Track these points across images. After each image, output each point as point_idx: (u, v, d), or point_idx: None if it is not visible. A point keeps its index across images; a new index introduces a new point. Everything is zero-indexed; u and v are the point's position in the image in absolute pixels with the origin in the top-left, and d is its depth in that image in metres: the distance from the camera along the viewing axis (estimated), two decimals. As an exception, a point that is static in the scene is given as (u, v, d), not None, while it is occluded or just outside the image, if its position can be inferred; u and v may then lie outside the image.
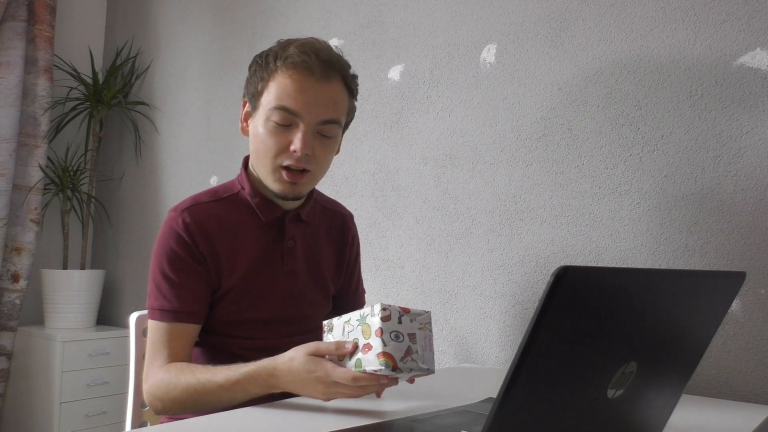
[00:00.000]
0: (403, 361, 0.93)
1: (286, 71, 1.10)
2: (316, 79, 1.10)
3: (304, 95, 1.09)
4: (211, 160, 2.40)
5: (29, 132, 2.58)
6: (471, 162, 1.72)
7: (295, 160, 1.11)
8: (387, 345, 0.93)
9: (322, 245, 1.28)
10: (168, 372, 1.07)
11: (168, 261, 1.12)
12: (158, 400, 1.08)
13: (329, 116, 1.12)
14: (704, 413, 1.13)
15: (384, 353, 0.92)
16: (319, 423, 0.96)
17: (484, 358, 1.65)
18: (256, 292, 1.17)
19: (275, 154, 1.12)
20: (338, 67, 1.14)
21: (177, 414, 1.10)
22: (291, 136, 1.11)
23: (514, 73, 1.66)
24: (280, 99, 1.10)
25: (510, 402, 0.49)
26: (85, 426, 2.41)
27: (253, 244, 1.18)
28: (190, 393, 1.04)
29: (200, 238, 1.13)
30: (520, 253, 1.62)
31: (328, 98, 1.12)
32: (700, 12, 1.39)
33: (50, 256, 2.74)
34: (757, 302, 1.29)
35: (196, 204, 1.17)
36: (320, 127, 1.12)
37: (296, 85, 1.09)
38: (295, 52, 1.10)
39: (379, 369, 0.92)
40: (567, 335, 0.51)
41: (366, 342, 0.95)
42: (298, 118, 1.10)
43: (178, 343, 1.11)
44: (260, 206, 1.19)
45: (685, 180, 1.39)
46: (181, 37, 2.60)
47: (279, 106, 1.10)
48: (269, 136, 1.12)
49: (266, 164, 1.13)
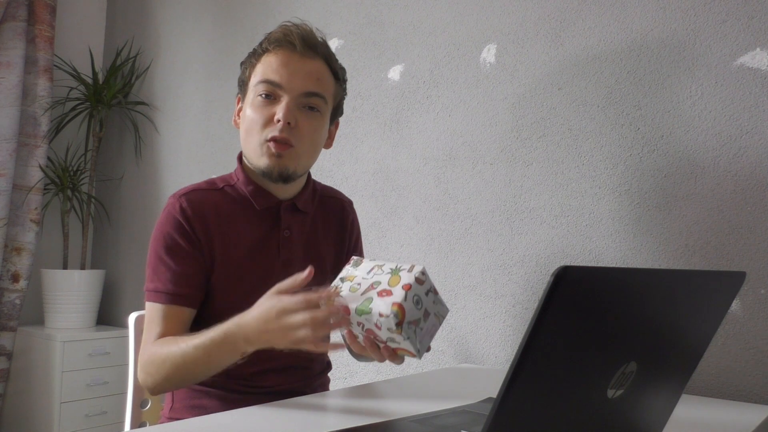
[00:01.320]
0: (408, 325, 0.91)
1: (270, 50, 1.17)
2: (299, 54, 1.16)
3: (287, 68, 1.15)
4: (211, 160, 2.40)
5: (29, 132, 2.58)
6: (471, 162, 1.72)
7: (279, 131, 1.14)
8: (406, 302, 0.91)
9: (320, 234, 1.28)
10: (155, 345, 1.09)
11: (165, 246, 1.14)
12: (148, 375, 1.10)
13: (312, 88, 1.16)
14: (704, 413, 1.13)
15: (400, 305, 0.90)
16: (319, 423, 0.96)
17: (484, 358, 1.65)
18: (251, 281, 1.18)
19: (261, 126, 1.15)
20: (321, 49, 1.19)
21: (168, 388, 1.11)
22: (275, 108, 1.15)
23: (514, 73, 1.66)
24: (264, 74, 1.16)
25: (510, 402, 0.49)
26: (85, 426, 2.41)
27: (248, 233, 1.19)
28: (172, 360, 1.06)
29: (197, 223, 1.15)
30: (520, 253, 1.62)
31: (310, 72, 1.17)
32: (700, 12, 1.39)
33: (50, 256, 2.74)
34: (757, 302, 1.29)
35: (194, 190, 1.19)
36: (304, 99, 1.16)
37: (279, 59, 1.16)
38: (277, 31, 1.17)
39: (387, 315, 0.89)
40: (567, 335, 0.51)
41: (387, 288, 0.93)
42: (281, 89, 1.15)
43: (171, 323, 1.12)
44: (254, 194, 1.20)
45: (685, 180, 1.39)
46: (181, 37, 2.60)
47: (263, 80, 1.16)
48: (254, 111, 1.16)
49: (253, 140, 1.16)
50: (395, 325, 0.90)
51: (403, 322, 0.90)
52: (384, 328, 0.91)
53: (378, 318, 0.91)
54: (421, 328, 0.93)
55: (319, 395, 1.19)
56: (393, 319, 0.89)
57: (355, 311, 0.93)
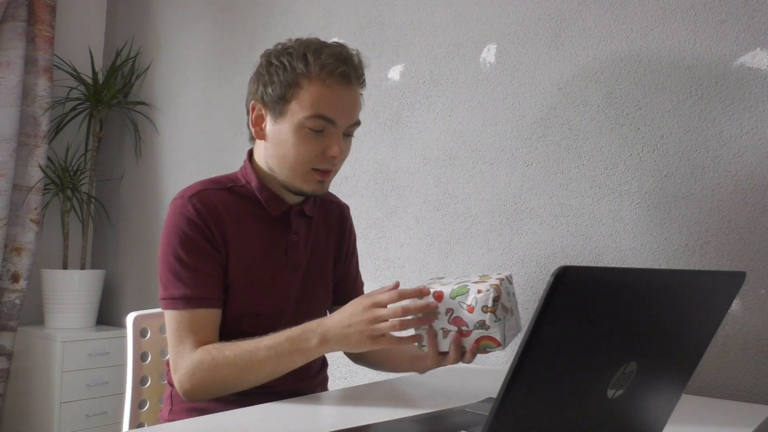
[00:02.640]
0: (502, 308, 0.94)
1: (324, 79, 1.09)
2: (351, 86, 1.13)
3: (341, 103, 1.11)
4: (211, 159, 2.40)
5: (29, 132, 2.58)
6: (471, 162, 1.72)
7: (331, 165, 1.14)
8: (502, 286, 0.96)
9: (322, 237, 1.29)
10: (206, 352, 1.06)
11: (182, 245, 1.10)
12: (199, 385, 1.06)
13: (356, 118, 1.16)
14: (704, 413, 1.13)
15: (497, 286, 0.94)
16: (319, 423, 0.96)
17: (484, 358, 1.65)
18: (259, 285, 1.17)
19: (310, 159, 1.13)
20: (363, 72, 1.16)
21: (215, 395, 1.08)
22: (325, 141, 1.12)
23: (514, 73, 1.66)
24: (316, 107, 1.10)
25: (510, 402, 0.49)
26: (85, 426, 2.41)
27: (257, 236, 1.18)
28: (236, 363, 1.04)
29: (213, 223, 1.12)
30: (520, 253, 1.62)
31: (356, 102, 1.15)
32: (700, 12, 1.39)
33: (50, 256, 2.74)
34: (757, 302, 1.29)
35: (203, 190, 1.15)
36: (348, 129, 1.16)
37: (334, 93, 1.10)
38: (333, 62, 1.09)
39: (487, 290, 0.93)
40: (567, 335, 0.51)
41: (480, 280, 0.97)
42: (333, 124, 1.12)
43: (204, 329, 1.09)
44: (268, 201, 1.19)
45: (685, 180, 1.39)
46: (181, 37, 2.60)
47: (316, 114, 1.10)
48: (303, 143, 1.12)
49: (298, 169, 1.14)
50: (492, 300, 0.92)
51: (500, 299, 0.94)
52: (478, 308, 0.93)
53: (475, 295, 0.93)
54: (508, 319, 0.97)
55: (319, 395, 1.19)
56: (492, 293, 0.93)
57: (450, 294, 0.96)
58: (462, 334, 0.96)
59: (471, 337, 0.95)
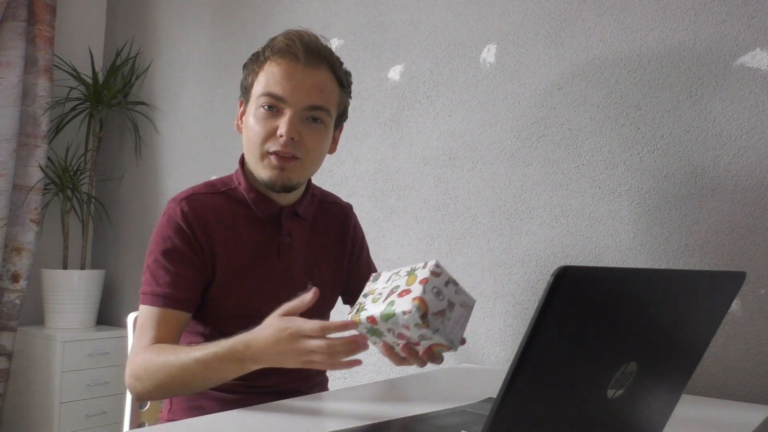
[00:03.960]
0: (434, 317, 0.90)
1: (273, 59, 1.13)
2: (303, 65, 1.12)
3: (290, 80, 1.12)
4: (211, 159, 2.40)
5: (29, 132, 2.58)
6: (471, 162, 1.72)
7: (282, 145, 1.12)
8: (426, 294, 0.90)
9: (320, 240, 1.28)
10: (149, 351, 1.06)
11: (164, 250, 1.12)
12: (137, 380, 1.06)
13: (315, 102, 1.14)
14: (704, 413, 1.13)
15: (421, 299, 0.89)
16: (319, 423, 0.96)
17: (484, 358, 1.65)
18: (251, 287, 1.17)
19: (263, 139, 1.13)
20: (325, 56, 1.16)
21: (157, 397, 1.09)
22: (278, 121, 1.13)
23: (514, 73, 1.66)
24: (267, 86, 1.13)
25: (510, 402, 0.49)
26: (85, 426, 2.41)
27: (249, 239, 1.18)
28: (168, 370, 1.03)
29: (198, 228, 1.14)
30: (520, 253, 1.62)
31: (314, 84, 1.14)
32: (700, 12, 1.39)
33: (50, 256, 2.74)
34: (757, 302, 1.29)
35: (194, 194, 1.18)
36: (308, 112, 1.14)
37: (282, 70, 1.12)
38: (281, 39, 1.14)
39: (410, 310, 0.88)
40: (567, 335, 0.51)
41: (406, 288, 0.92)
42: (285, 103, 1.12)
43: (165, 327, 1.09)
44: (255, 201, 1.19)
45: (685, 180, 1.39)
46: (181, 37, 2.60)
47: (266, 93, 1.13)
48: (257, 123, 1.14)
49: (255, 151, 1.15)
50: (420, 318, 0.89)
51: (428, 314, 0.90)
52: (411, 325, 0.90)
53: (402, 317, 0.90)
54: (448, 318, 0.93)
55: (318, 395, 1.19)
56: (416, 313, 0.89)
57: (380, 317, 0.92)
58: (414, 344, 0.95)
59: (422, 345, 0.94)
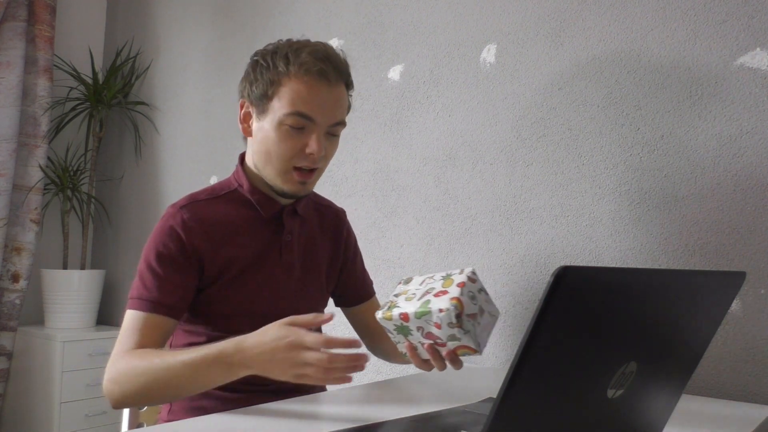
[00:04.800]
0: (467, 318, 0.93)
1: (302, 77, 1.11)
2: (330, 85, 1.13)
3: (319, 100, 1.12)
4: (211, 159, 2.40)
5: (29, 132, 2.58)
6: (471, 162, 1.72)
7: (311, 162, 1.14)
8: (463, 296, 0.93)
9: (317, 239, 1.30)
10: (131, 355, 1.03)
11: (157, 256, 1.12)
12: (116, 384, 1.02)
13: (339, 118, 1.16)
14: (704, 413, 1.13)
15: (458, 299, 0.92)
16: (319, 423, 0.96)
17: (484, 358, 1.65)
18: (254, 285, 1.18)
19: (290, 156, 1.14)
20: (345, 71, 1.17)
21: (135, 403, 1.05)
22: (305, 138, 1.13)
23: (514, 73, 1.66)
24: (294, 104, 1.11)
25: (510, 402, 0.49)
26: (85, 426, 2.41)
27: (252, 239, 1.19)
28: (152, 374, 0.99)
29: (198, 235, 1.14)
30: (520, 253, 1.62)
31: (338, 101, 1.15)
32: (700, 12, 1.39)
33: (50, 256, 2.74)
34: (757, 302, 1.29)
35: (194, 201, 1.18)
36: (331, 128, 1.16)
37: (312, 91, 1.12)
38: (311, 60, 1.11)
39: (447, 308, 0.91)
40: (567, 335, 0.51)
41: (442, 289, 0.96)
42: (312, 122, 1.13)
43: (149, 333, 1.07)
44: (260, 202, 1.20)
45: (685, 180, 1.39)
46: (181, 37, 2.60)
47: (294, 112, 1.11)
48: (283, 140, 1.13)
49: (278, 166, 1.15)
50: (455, 317, 0.92)
51: (462, 314, 0.93)
52: (444, 324, 0.93)
53: (438, 315, 0.93)
54: (478, 323, 0.96)
55: (319, 395, 1.19)
56: (453, 311, 0.92)
57: (414, 315, 0.95)
58: (440, 345, 0.97)
59: (447, 347, 0.96)
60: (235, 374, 0.99)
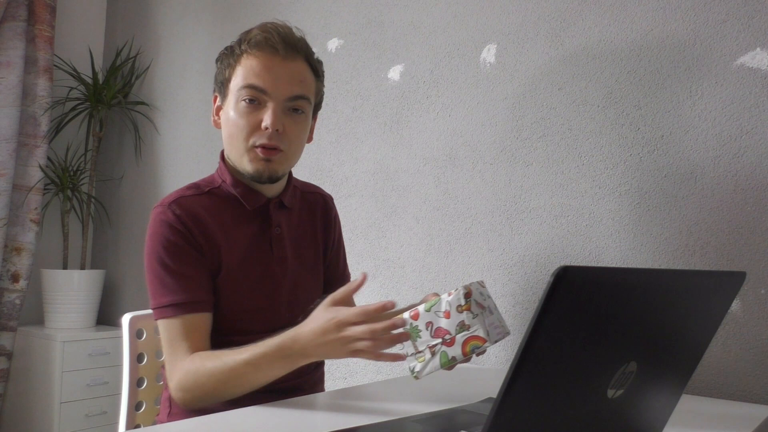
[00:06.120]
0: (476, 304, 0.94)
1: (251, 52, 1.14)
2: (281, 57, 1.13)
3: (271, 72, 1.13)
4: (211, 159, 2.40)
5: (29, 132, 2.58)
6: (471, 162, 1.72)
7: (267, 138, 1.13)
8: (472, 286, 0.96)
9: (305, 229, 1.29)
10: (193, 361, 1.06)
11: (166, 252, 1.11)
12: (186, 392, 1.06)
13: (297, 92, 1.15)
14: (704, 413, 1.13)
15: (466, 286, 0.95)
16: (319, 423, 0.96)
17: (484, 358, 1.65)
18: (250, 281, 1.18)
19: (247, 133, 1.14)
20: (301, 48, 1.17)
21: (207, 404, 1.07)
22: (261, 114, 1.13)
23: (514, 73, 1.66)
24: (247, 78, 1.13)
25: (510, 402, 0.49)
26: (85, 426, 2.41)
27: (242, 233, 1.19)
28: (217, 377, 1.03)
29: (196, 228, 1.13)
30: (520, 253, 1.62)
31: (294, 75, 1.15)
32: (700, 12, 1.39)
33: (50, 256, 2.74)
34: (757, 302, 1.29)
35: (182, 197, 1.17)
36: (290, 103, 1.15)
37: (262, 63, 1.13)
38: (257, 32, 1.14)
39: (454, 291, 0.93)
40: (567, 335, 0.51)
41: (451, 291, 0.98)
42: (267, 95, 1.13)
43: (195, 334, 1.09)
44: (244, 195, 1.19)
45: (685, 180, 1.39)
46: (181, 37, 2.60)
47: (247, 85, 1.13)
48: (240, 117, 1.14)
49: (239, 146, 1.15)
50: (463, 296, 0.93)
51: (471, 296, 0.94)
52: (453, 310, 0.94)
53: (447, 300, 0.94)
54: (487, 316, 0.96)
55: (318, 395, 1.19)
56: (462, 290, 0.93)
57: (425, 308, 0.96)
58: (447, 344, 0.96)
59: (457, 343, 0.96)
60: (295, 364, 1.03)
